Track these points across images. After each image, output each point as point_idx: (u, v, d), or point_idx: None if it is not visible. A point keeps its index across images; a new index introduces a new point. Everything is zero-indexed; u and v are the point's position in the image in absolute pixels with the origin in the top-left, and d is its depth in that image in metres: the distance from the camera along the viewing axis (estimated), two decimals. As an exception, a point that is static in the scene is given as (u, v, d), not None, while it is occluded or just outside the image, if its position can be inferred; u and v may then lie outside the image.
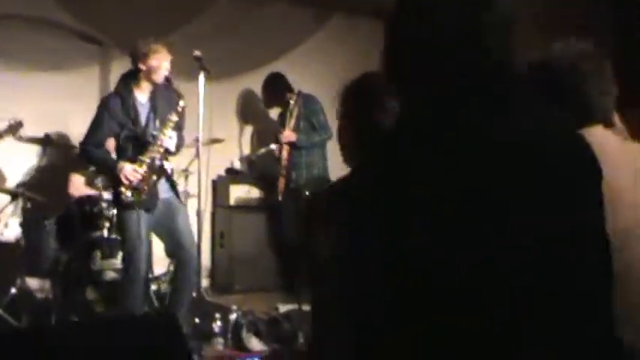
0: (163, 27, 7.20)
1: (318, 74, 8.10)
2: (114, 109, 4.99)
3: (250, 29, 7.59)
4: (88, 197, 5.86)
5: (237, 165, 5.28)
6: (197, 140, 5.26)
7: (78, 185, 6.13)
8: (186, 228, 5.06)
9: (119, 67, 7.17)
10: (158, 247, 5.29)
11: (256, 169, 7.16)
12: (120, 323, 3.03)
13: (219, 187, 7.07)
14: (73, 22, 6.96)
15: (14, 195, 5.80)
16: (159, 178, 5.01)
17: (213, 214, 7.13)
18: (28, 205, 5.58)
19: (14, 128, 4.88)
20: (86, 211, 5.74)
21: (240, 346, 5.01)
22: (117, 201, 4.98)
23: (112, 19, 7.03)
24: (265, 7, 7.73)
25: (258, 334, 5.16)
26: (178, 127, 5.12)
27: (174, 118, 5.00)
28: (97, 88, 7.21)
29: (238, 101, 7.29)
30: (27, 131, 5.83)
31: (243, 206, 7.19)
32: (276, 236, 7.04)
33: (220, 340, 4.82)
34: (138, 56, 5.01)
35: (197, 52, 4.90)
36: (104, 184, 5.81)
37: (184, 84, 5.51)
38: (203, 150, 5.33)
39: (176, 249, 5.10)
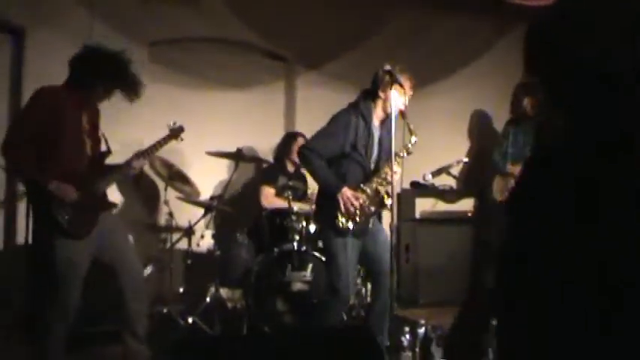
0: (347, 42, 7.30)
1: (497, 86, 7.95)
2: (353, 128, 4.72)
3: (432, 40, 7.54)
4: (278, 210, 5.98)
5: (430, 178, 5.11)
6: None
7: (269, 196, 6.28)
8: (386, 253, 4.75)
9: (303, 82, 7.37)
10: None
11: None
12: (317, 335, 3.06)
13: (405, 200, 7.03)
14: (258, 41, 7.17)
15: (208, 208, 6.03)
16: (376, 211, 4.83)
17: (399, 228, 7.10)
18: (221, 217, 5.75)
19: (176, 132, 4.90)
20: (276, 223, 5.86)
21: (428, 360, 4.93)
22: (331, 225, 4.71)
23: (295, 36, 7.19)
24: (447, 17, 7.64)
25: (447, 349, 5.06)
26: None
27: (404, 154, 4.80)
28: (282, 104, 7.40)
29: (424, 113, 7.24)
30: (218, 146, 6.05)
31: (429, 219, 7.12)
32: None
33: (409, 354, 4.75)
34: (380, 83, 4.75)
35: (388, 66, 4.68)
36: (293, 197, 5.91)
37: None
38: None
39: (376, 275, 4.94)
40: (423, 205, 7.30)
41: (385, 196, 4.74)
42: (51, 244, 4.18)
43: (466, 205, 7.21)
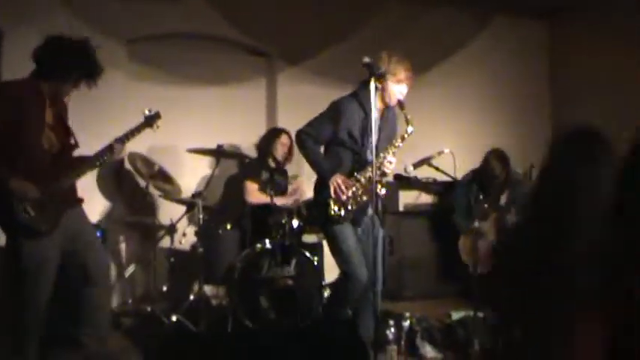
0: (330, 37, 7.28)
1: (480, 75, 7.99)
2: (352, 116, 4.72)
3: (416, 33, 7.54)
4: (261, 205, 5.97)
5: (411, 170, 5.08)
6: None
7: (253, 192, 6.26)
8: (378, 254, 4.64)
9: (285, 78, 7.34)
10: (329, 255, 5.24)
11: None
12: (300, 331, 3.06)
13: (388, 193, 7.03)
14: (240, 36, 7.15)
15: (190, 205, 6.00)
16: (369, 199, 4.73)
17: (382, 220, 7.10)
18: (204, 214, 5.72)
19: (151, 120, 4.61)
20: (259, 218, 5.84)
21: (413, 353, 4.93)
22: (324, 213, 4.73)
23: (278, 32, 7.17)
24: (431, 10, 7.65)
25: (432, 341, 5.06)
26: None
27: (399, 143, 4.79)
28: (264, 100, 7.38)
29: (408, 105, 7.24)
30: (199, 143, 6.02)
31: (412, 212, 7.12)
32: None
33: (394, 347, 4.74)
34: (376, 73, 4.55)
35: (367, 59, 4.62)
36: (276, 192, 5.89)
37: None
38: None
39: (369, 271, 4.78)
40: (407, 198, 7.32)
41: (380, 185, 4.73)
42: (16, 242, 4.10)
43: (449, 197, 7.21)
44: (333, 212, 4.67)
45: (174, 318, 5.53)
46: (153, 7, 6.64)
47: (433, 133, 7.42)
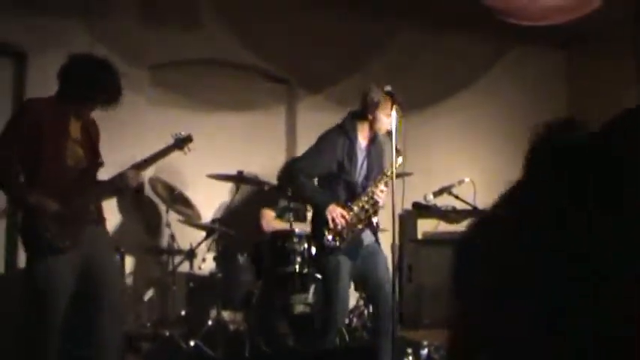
0: (348, 65, 7.33)
1: (498, 104, 8.00)
2: (340, 147, 4.80)
3: (434, 61, 7.58)
4: (280, 232, 5.97)
5: (431, 198, 5.10)
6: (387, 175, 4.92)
7: (269, 220, 6.28)
8: (386, 276, 4.81)
9: (305, 105, 7.38)
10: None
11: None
12: (319, 357, 3.04)
13: (407, 221, 7.02)
14: (260, 63, 7.21)
15: (209, 231, 6.02)
16: (363, 229, 4.82)
17: (401, 248, 7.08)
18: (223, 240, 5.74)
19: (181, 143, 4.65)
20: (278, 245, 5.83)
21: (431, 381, 4.91)
22: (319, 243, 4.84)
23: (298, 59, 7.22)
24: (449, 38, 7.69)
25: (450, 370, 5.03)
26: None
27: (391, 174, 4.78)
28: (283, 127, 7.42)
29: (426, 134, 7.24)
30: (219, 169, 6.05)
31: (431, 240, 7.10)
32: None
33: (412, 375, 4.73)
34: (368, 103, 4.82)
35: (388, 88, 4.70)
36: (295, 219, 5.90)
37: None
38: (397, 183, 5.17)
39: (376, 298, 4.91)
40: (425, 226, 7.30)
41: (372, 214, 4.81)
42: (34, 258, 4.08)
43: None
44: (327, 241, 4.70)
45: (192, 343, 5.53)
46: (174, 33, 6.72)
47: (451, 161, 7.45)
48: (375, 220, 4.87)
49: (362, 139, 4.90)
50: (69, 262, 4.09)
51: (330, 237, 4.69)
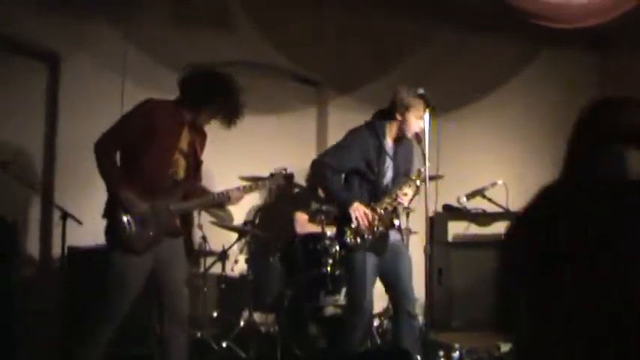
0: (379, 66, 7.32)
1: (530, 106, 7.94)
2: (367, 146, 4.79)
3: (466, 62, 7.54)
4: (312, 234, 5.99)
5: (464, 200, 5.09)
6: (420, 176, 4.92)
7: (303, 223, 6.30)
8: (409, 275, 4.84)
9: (335, 107, 7.38)
10: (379, 283, 5.24)
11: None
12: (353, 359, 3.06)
13: (438, 224, 7.00)
14: (290, 65, 7.21)
15: (242, 233, 6.05)
16: (386, 230, 4.80)
17: (431, 251, 7.06)
18: (254, 242, 5.76)
19: (284, 179, 4.90)
20: (310, 247, 5.85)
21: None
22: (340, 241, 4.87)
23: (328, 61, 7.21)
24: (481, 39, 7.64)
25: (481, 373, 5.03)
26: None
27: (417, 181, 4.81)
28: (314, 129, 7.42)
29: (458, 136, 7.20)
30: (251, 171, 6.07)
31: (462, 242, 7.08)
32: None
33: (444, 378, 4.73)
34: (398, 105, 4.81)
35: (421, 90, 4.69)
36: (328, 221, 5.90)
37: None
38: (429, 186, 5.14)
39: (398, 296, 4.89)
40: (456, 229, 7.27)
41: (395, 217, 4.82)
42: (109, 253, 4.16)
43: (499, 228, 7.15)
44: (348, 240, 4.70)
45: (224, 344, 5.58)
46: (207, 34, 6.75)
47: (483, 163, 7.40)
48: (397, 222, 4.87)
49: (389, 140, 4.88)
50: (141, 264, 4.16)
51: (351, 236, 4.69)
